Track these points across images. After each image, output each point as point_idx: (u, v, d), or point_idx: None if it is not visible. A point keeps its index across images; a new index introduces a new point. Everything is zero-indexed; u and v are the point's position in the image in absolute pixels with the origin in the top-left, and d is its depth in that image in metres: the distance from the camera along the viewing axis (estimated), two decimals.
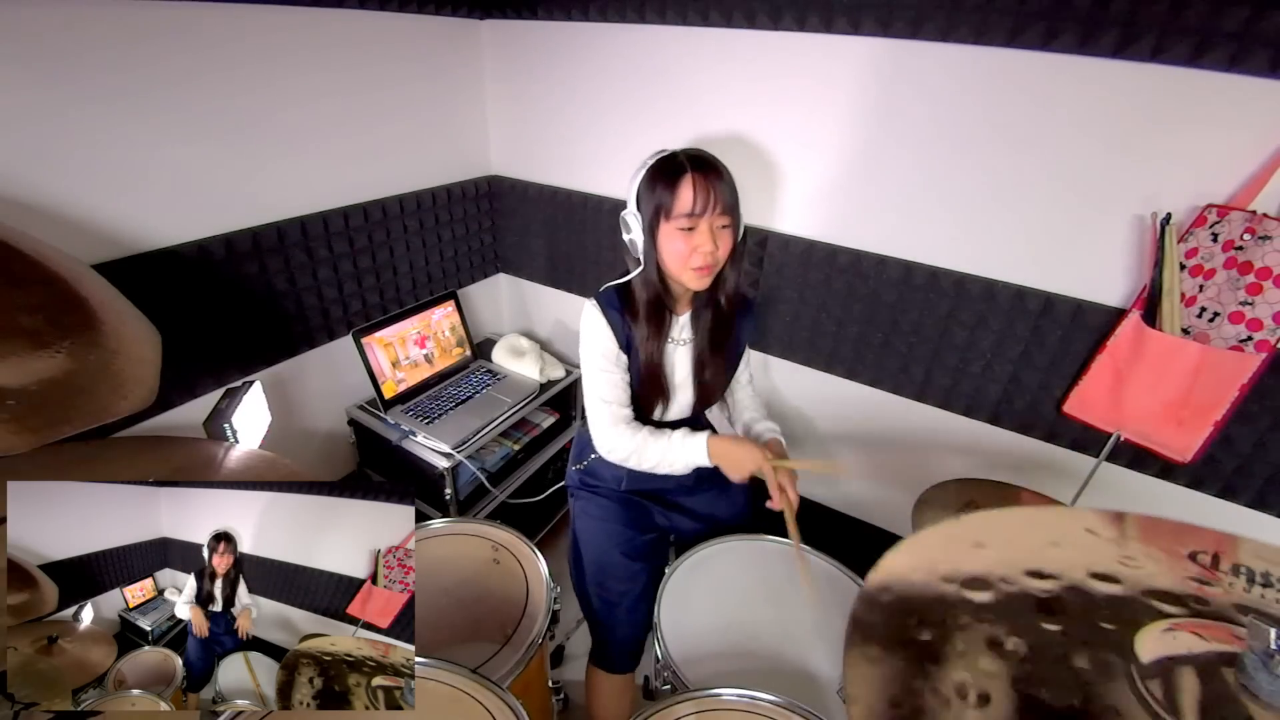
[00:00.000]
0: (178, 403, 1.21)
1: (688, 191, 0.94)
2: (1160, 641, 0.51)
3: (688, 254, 0.97)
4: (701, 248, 0.96)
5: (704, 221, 0.96)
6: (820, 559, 1.10)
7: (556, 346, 2.00)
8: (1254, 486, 1.13)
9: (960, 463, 1.44)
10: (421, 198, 1.62)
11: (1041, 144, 1.09)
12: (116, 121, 1.02)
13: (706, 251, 0.97)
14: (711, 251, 0.97)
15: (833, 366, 1.50)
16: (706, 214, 0.95)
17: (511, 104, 1.72)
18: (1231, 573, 0.58)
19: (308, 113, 1.30)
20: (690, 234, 0.96)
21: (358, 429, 1.60)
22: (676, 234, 0.97)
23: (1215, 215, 0.98)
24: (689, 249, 0.97)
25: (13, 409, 0.63)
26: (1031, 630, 0.53)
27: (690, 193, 0.94)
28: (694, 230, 0.96)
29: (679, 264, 0.99)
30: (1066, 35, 1.00)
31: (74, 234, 1.01)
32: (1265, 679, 0.45)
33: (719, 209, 0.95)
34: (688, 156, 0.96)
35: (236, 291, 1.26)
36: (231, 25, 1.13)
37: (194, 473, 0.92)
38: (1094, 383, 1.16)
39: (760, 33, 1.26)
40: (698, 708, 0.81)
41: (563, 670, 1.52)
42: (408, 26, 1.46)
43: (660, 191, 0.95)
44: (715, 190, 0.94)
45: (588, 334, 1.07)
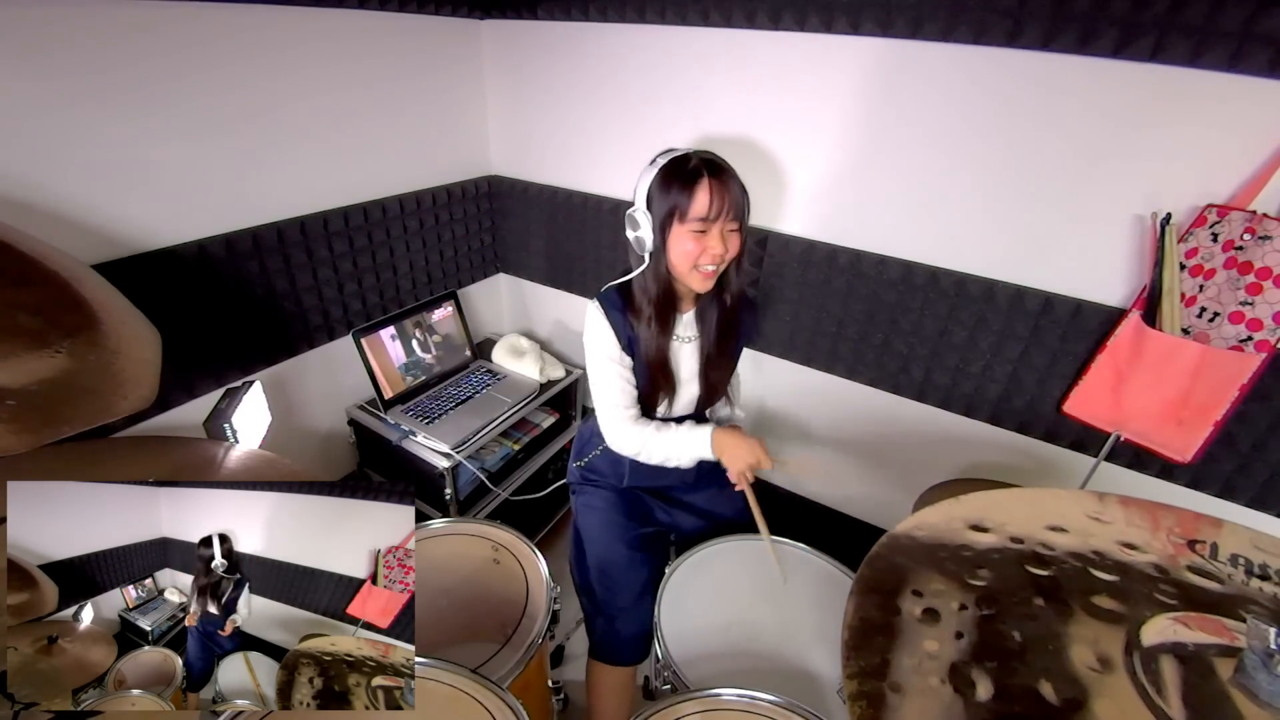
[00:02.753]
0: (178, 403, 1.21)
1: (704, 195, 0.95)
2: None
3: (697, 254, 0.99)
4: (711, 249, 0.98)
5: (717, 225, 0.97)
6: (820, 559, 1.10)
7: (556, 346, 2.00)
8: (1254, 486, 1.13)
9: (960, 463, 1.44)
10: (421, 198, 1.62)
11: (1041, 144, 1.09)
12: (116, 121, 1.02)
13: (716, 254, 0.99)
14: (721, 254, 0.99)
15: (833, 366, 1.50)
16: (720, 219, 0.97)
17: (511, 104, 1.72)
18: (1213, 557, 0.59)
19: (308, 112, 1.30)
20: (702, 236, 0.98)
21: (358, 429, 1.60)
22: (688, 236, 0.98)
23: (1215, 215, 0.98)
24: (699, 250, 0.98)
25: (13, 409, 0.63)
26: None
27: (706, 197, 0.95)
28: (706, 233, 0.98)
29: (687, 265, 1.00)
30: (1066, 35, 1.00)
31: (74, 234, 1.01)
32: (1265, 679, 0.45)
33: (731, 214, 0.97)
34: (702, 160, 0.98)
35: (236, 291, 1.26)
36: (231, 25, 1.13)
37: (194, 473, 0.92)
38: (1094, 383, 1.16)
39: (760, 33, 1.26)
40: (698, 708, 0.81)
41: (563, 670, 1.52)
42: (408, 26, 1.46)
43: (675, 193, 0.96)
44: (729, 195, 0.96)
45: (592, 335, 1.09)
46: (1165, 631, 0.51)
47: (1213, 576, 0.57)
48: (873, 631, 0.53)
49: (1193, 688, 0.46)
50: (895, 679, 0.48)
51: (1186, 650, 0.49)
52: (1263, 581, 0.56)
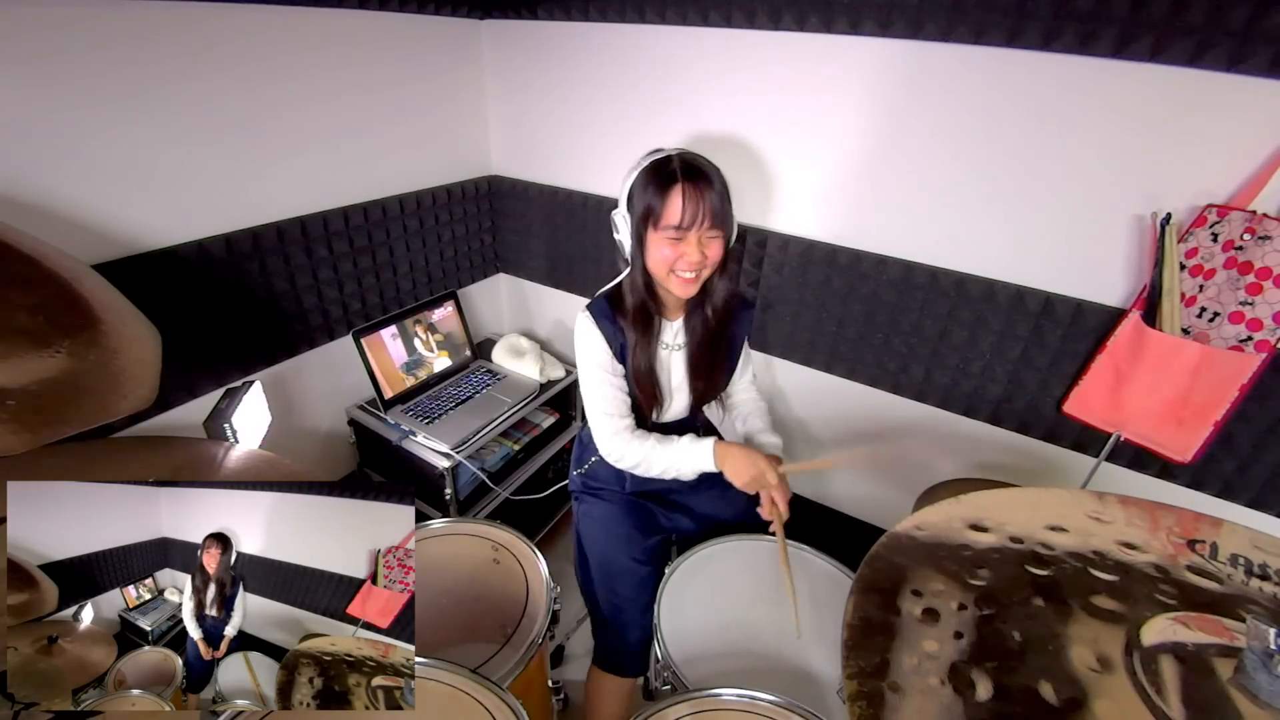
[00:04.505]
0: (178, 403, 1.21)
1: (677, 201, 0.93)
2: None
3: (673, 260, 0.97)
4: (688, 256, 0.96)
5: (692, 233, 0.95)
6: (820, 558, 1.10)
7: (556, 346, 2.00)
8: (1254, 486, 1.13)
9: (960, 463, 1.44)
10: (421, 198, 1.62)
11: (1041, 144, 1.09)
12: (116, 121, 1.02)
13: (693, 261, 0.96)
14: (698, 261, 0.96)
15: (833, 366, 1.50)
16: (694, 227, 0.94)
17: (511, 104, 1.72)
18: (1213, 557, 0.59)
19: (308, 112, 1.30)
20: (678, 243, 0.96)
21: (358, 429, 1.60)
22: (664, 241, 0.96)
23: (1215, 215, 0.98)
24: (675, 256, 0.96)
25: (13, 409, 0.63)
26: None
27: (679, 203, 0.93)
28: (682, 240, 0.95)
29: (663, 270, 0.98)
30: (1066, 35, 1.00)
31: (74, 234, 1.01)
32: (1265, 679, 0.45)
33: (707, 222, 0.94)
34: (681, 163, 0.94)
35: (236, 291, 1.26)
36: (231, 25, 1.13)
37: (194, 473, 0.92)
38: (1094, 383, 1.16)
39: (760, 33, 1.26)
40: (698, 708, 0.81)
41: (563, 670, 1.52)
42: (408, 26, 1.46)
43: (650, 197, 0.94)
44: (705, 201, 0.93)
45: (582, 346, 1.08)
46: (1165, 631, 0.51)
47: (1212, 576, 0.57)
48: (872, 631, 0.53)
49: (1192, 688, 0.46)
50: (895, 679, 0.48)
51: (1186, 650, 0.49)
52: (1263, 581, 0.56)
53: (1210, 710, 0.45)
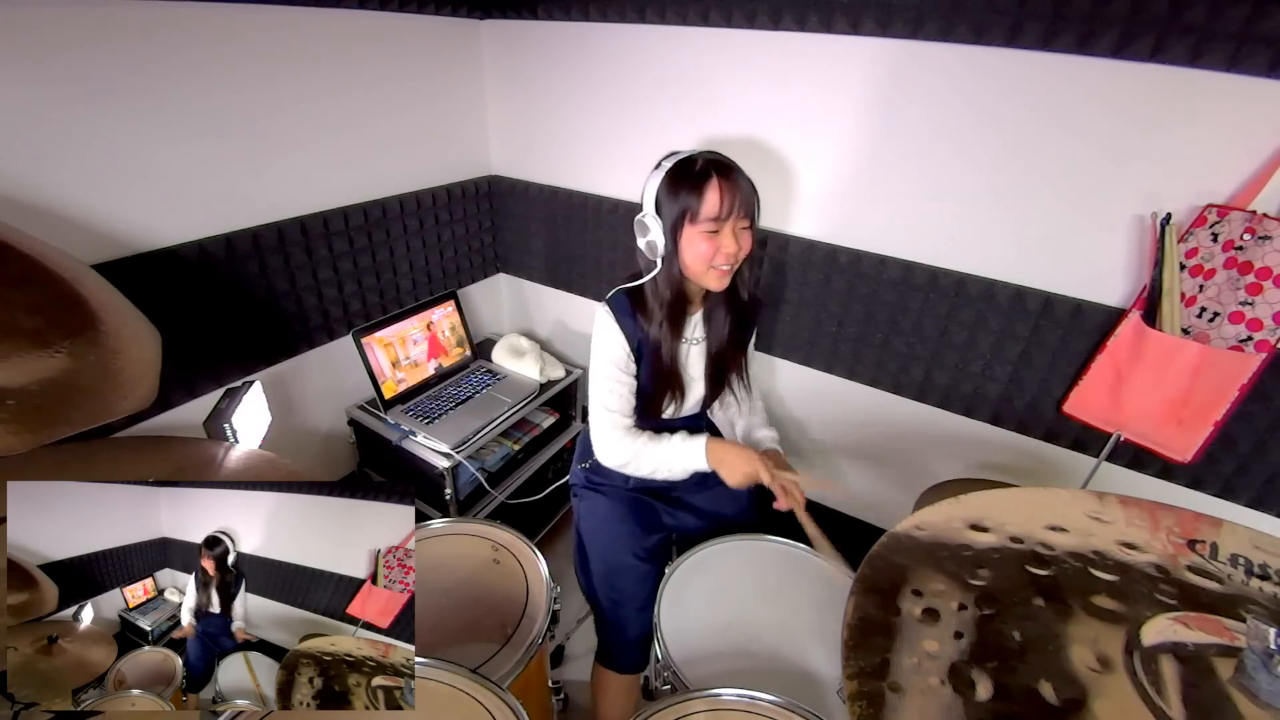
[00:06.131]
0: (178, 403, 1.21)
1: (714, 195, 0.96)
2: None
3: (711, 255, 0.99)
4: (725, 248, 0.99)
5: (729, 224, 0.98)
6: (819, 558, 1.10)
7: (556, 346, 2.00)
8: (1254, 486, 1.13)
9: (960, 463, 1.44)
10: (421, 198, 1.62)
11: (1041, 144, 1.09)
12: (116, 121, 1.02)
13: (730, 252, 0.99)
14: (735, 252, 1.00)
15: (833, 366, 1.50)
16: (731, 217, 0.97)
17: (511, 104, 1.72)
18: (1215, 557, 0.59)
19: (308, 112, 1.30)
20: (715, 236, 0.98)
21: (358, 429, 1.60)
22: (701, 237, 0.98)
23: (1215, 215, 0.98)
24: (713, 250, 0.99)
25: (13, 409, 0.63)
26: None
27: (717, 196, 0.96)
28: (719, 233, 0.98)
29: (702, 265, 1.01)
30: (1066, 35, 1.00)
31: (74, 234, 1.01)
32: (1265, 679, 0.45)
33: (742, 211, 0.98)
34: (709, 160, 0.98)
35: (237, 291, 1.26)
36: (231, 25, 1.13)
37: (194, 473, 0.92)
38: (1094, 383, 1.16)
39: (760, 33, 1.26)
40: (698, 708, 0.81)
41: (563, 670, 1.52)
42: (407, 26, 1.46)
43: (685, 195, 0.97)
44: (739, 192, 0.97)
45: (600, 341, 1.09)
46: (1165, 631, 0.51)
47: (1212, 576, 0.57)
48: (872, 631, 0.53)
49: (1193, 688, 0.46)
50: (895, 679, 0.48)
51: (1186, 650, 0.49)
52: (1263, 581, 0.56)
53: (1210, 710, 0.45)
